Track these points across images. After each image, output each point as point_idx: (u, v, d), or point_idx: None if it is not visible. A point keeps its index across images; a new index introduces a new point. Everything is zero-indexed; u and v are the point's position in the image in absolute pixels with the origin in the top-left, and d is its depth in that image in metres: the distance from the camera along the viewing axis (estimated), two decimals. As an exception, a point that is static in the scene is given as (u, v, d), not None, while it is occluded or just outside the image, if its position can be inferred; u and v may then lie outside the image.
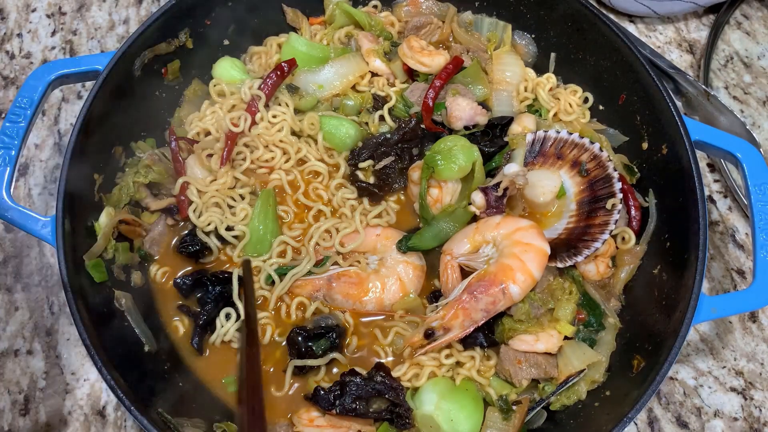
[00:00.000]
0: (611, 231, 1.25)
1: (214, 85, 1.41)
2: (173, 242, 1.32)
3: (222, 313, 1.25)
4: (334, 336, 1.21)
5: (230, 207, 1.31)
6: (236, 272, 1.26)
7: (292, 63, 1.38)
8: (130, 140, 1.33)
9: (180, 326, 1.28)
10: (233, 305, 1.25)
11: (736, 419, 1.32)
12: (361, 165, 1.35)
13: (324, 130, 1.36)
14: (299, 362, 1.20)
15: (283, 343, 1.25)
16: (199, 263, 1.31)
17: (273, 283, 1.27)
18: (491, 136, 1.35)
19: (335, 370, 1.24)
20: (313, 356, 1.20)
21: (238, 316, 1.25)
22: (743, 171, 1.22)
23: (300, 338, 1.20)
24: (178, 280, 1.27)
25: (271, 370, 1.24)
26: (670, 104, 1.26)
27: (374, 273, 1.28)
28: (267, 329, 1.25)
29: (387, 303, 1.26)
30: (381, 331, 1.27)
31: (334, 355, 1.22)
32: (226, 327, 1.24)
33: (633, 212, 1.33)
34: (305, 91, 1.40)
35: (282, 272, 1.28)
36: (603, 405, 1.19)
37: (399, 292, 1.26)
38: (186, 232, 1.31)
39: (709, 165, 1.58)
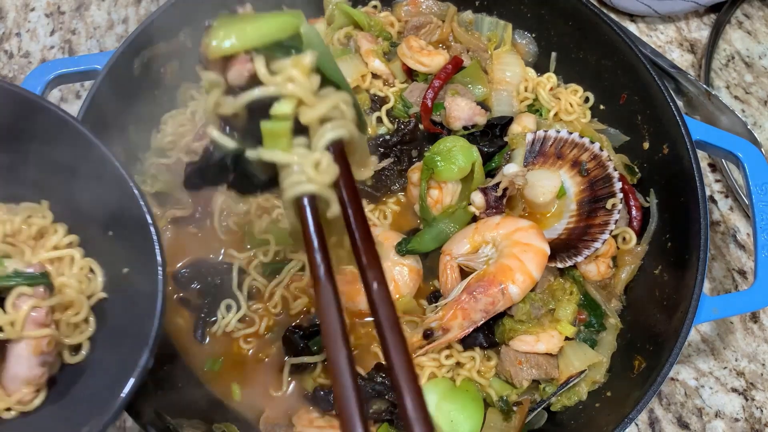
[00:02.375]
0: (611, 231, 1.25)
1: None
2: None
3: (222, 305, 1.26)
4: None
5: None
6: (236, 263, 1.27)
7: None
8: (129, 141, 1.33)
9: (180, 320, 1.28)
10: (233, 296, 1.26)
11: (737, 420, 1.32)
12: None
13: None
14: (296, 360, 1.20)
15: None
16: None
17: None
18: (490, 136, 1.35)
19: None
20: (309, 354, 1.20)
21: (239, 307, 1.25)
22: (744, 171, 1.22)
23: (296, 337, 1.20)
24: (177, 272, 1.27)
25: (266, 360, 1.24)
26: (671, 104, 1.25)
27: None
28: (264, 320, 1.26)
29: (381, 304, 1.26)
30: (380, 331, 1.26)
31: None
32: (228, 318, 1.25)
33: (634, 212, 1.32)
34: None
35: (278, 266, 1.28)
36: (604, 406, 1.19)
37: (394, 294, 1.25)
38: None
39: (710, 165, 1.57)
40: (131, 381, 0.89)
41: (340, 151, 0.77)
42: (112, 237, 1.02)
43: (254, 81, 0.75)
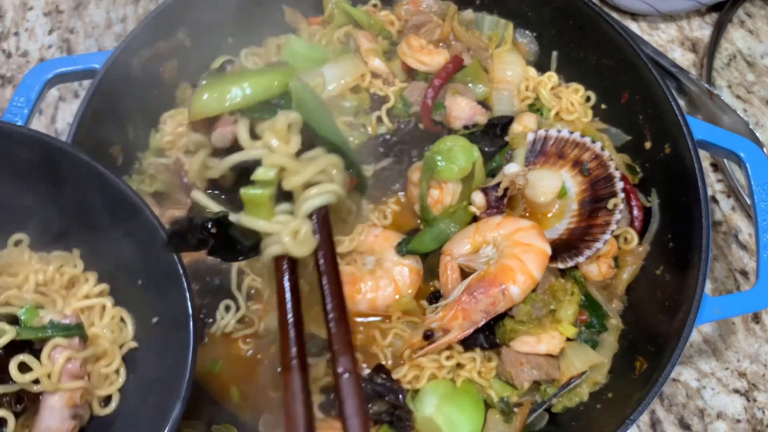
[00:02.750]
0: (613, 231, 1.25)
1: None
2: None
3: (221, 305, 1.25)
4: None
5: None
6: (235, 264, 1.26)
7: None
8: (128, 140, 1.32)
9: None
10: (232, 297, 1.25)
11: (739, 421, 1.31)
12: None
13: None
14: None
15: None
16: None
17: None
18: (491, 136, 1.35)
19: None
20: (309, 355, 1.19)
21: (238, 307, 1.25)
22: (746, 171, 1.22)
23: None
24: None
25: (266, 361, 1.24)
26: (672, 103, 1.25)
27: (369, 273, 1.27)
28: (263, 321, 1.26)
29: (380, 304, 1.25)
30: (380, 332, 1.26)
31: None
32: (227, 319, 1.24)
33: (635, 212, 1.32)
34: None
35: None
36: (605, 407, 1.19)
37: (394, 294, 1.25)
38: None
39: (712, 164, 1.57)
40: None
41: (323, 217, 0.74)
42: (141, 286, 1.00)
43: (238, 144, 0.72)
